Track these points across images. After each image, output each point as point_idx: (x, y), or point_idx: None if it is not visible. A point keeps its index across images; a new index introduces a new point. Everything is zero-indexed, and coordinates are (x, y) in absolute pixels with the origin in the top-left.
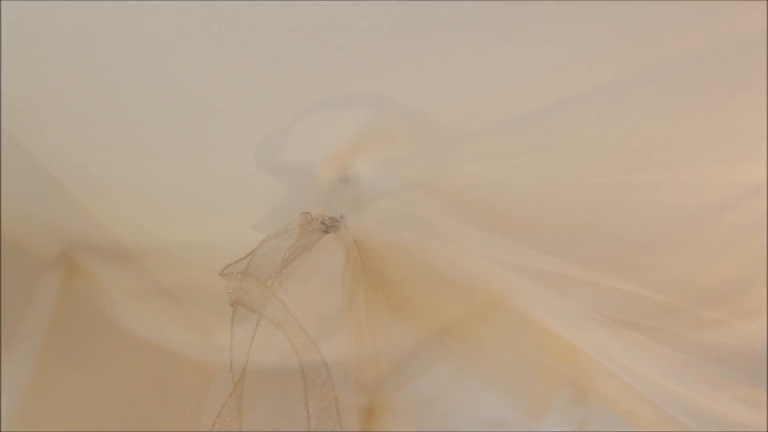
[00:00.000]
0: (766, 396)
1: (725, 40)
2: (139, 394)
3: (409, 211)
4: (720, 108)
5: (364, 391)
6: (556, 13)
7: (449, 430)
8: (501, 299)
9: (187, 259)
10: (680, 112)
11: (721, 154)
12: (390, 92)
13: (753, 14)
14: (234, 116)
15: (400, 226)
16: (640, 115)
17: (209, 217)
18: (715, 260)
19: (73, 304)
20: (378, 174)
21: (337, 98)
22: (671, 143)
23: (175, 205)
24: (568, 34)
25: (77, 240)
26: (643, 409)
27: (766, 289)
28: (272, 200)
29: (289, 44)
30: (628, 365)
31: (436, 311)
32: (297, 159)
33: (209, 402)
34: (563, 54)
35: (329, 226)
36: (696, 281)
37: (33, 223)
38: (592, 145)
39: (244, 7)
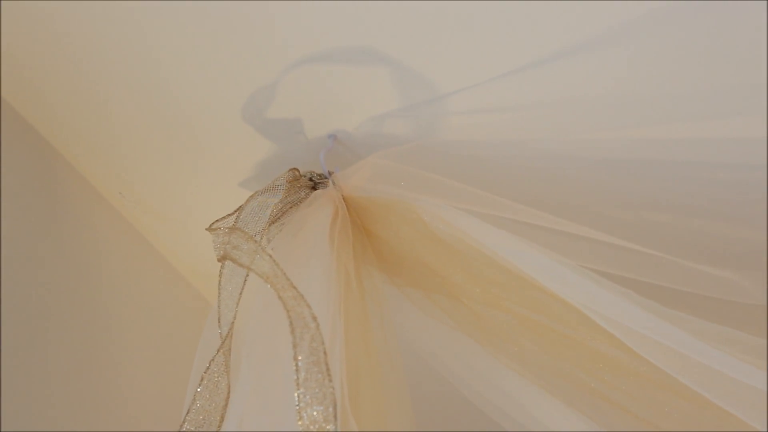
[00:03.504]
0: (765, 352)
1: None
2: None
3: (398, 167)
4: (720, 61)
5: (353, 347)
6: None
7: (436, 386)
8: (492, 256)
9: (173, 215)
10: (678, 65)
11: (719, 108)
12: (379, 46)
13: None
14: (220, 72)
15: (389, 182)
16: (636, 68)
17: (196, 174)
18: (710, 216)
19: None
20: (366, 130)
21: (325, 53)
22: (668, 97)
23: (160, 162)
24: None
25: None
26: (635, 364)
27: (766, 245)
28: (259, 156)
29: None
30: (619, 321)
31: (425, 268)
32: (285, 115)
33: (197, 357)
34: (557, 4)
35: (317, 182)
36: (689, 237)
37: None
38: (585, 100)
39: None
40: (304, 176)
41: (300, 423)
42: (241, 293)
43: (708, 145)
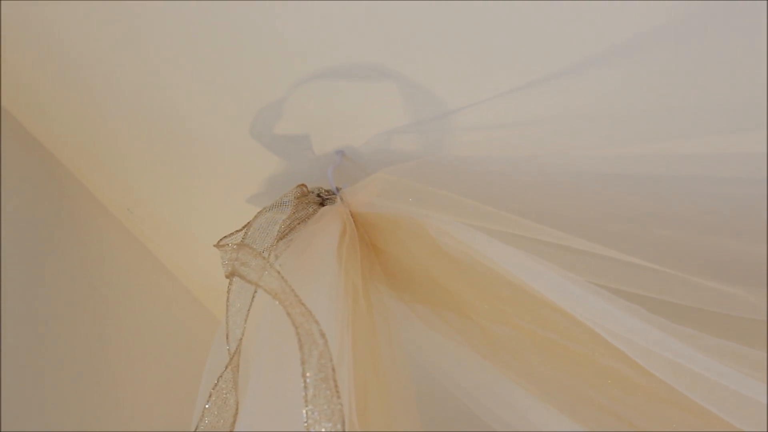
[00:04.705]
0: (765, 367)
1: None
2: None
3: (407, 183)
4: (724, 76)
5: (361, 363)
6: None
7: (445, 402)
8: (500, 272)
9: (181, 231)
10: (686, 81)
11: (722, 124)
12: (387, 62)
13: None
14: (228, 88)
15: (396, 198)
16: (643, 84)
17: (204, 190)
18: (717, 232)
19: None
20: (374, 146)
21: (333, 69)
22: (675, 113)
23: (168, 178)
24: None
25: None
26: (643, 380)
27: (766, 258)
28: (267, 173)
29: (284, 14)
30: (626, 336)
31: (434, 284)
32: (292, 131)
33: (206, 374)
34: (564, 19)
35: (325, 198)
36: (697, 252)
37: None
38: (594, 116)
39: None
40: (312, 192)
41: None
42: (249, 309)
43: (717, 160)
